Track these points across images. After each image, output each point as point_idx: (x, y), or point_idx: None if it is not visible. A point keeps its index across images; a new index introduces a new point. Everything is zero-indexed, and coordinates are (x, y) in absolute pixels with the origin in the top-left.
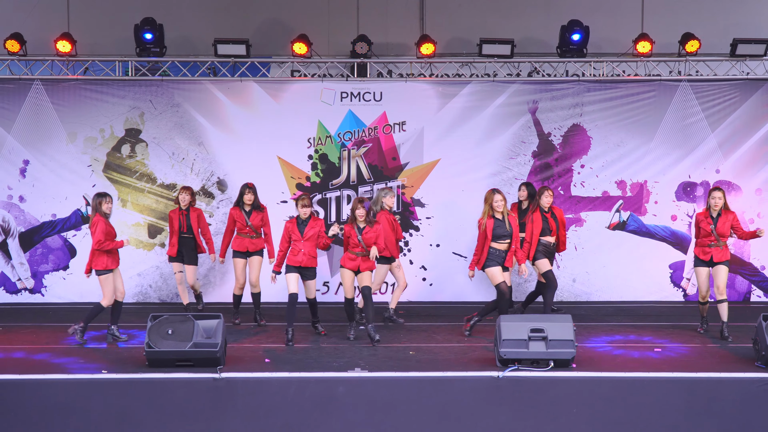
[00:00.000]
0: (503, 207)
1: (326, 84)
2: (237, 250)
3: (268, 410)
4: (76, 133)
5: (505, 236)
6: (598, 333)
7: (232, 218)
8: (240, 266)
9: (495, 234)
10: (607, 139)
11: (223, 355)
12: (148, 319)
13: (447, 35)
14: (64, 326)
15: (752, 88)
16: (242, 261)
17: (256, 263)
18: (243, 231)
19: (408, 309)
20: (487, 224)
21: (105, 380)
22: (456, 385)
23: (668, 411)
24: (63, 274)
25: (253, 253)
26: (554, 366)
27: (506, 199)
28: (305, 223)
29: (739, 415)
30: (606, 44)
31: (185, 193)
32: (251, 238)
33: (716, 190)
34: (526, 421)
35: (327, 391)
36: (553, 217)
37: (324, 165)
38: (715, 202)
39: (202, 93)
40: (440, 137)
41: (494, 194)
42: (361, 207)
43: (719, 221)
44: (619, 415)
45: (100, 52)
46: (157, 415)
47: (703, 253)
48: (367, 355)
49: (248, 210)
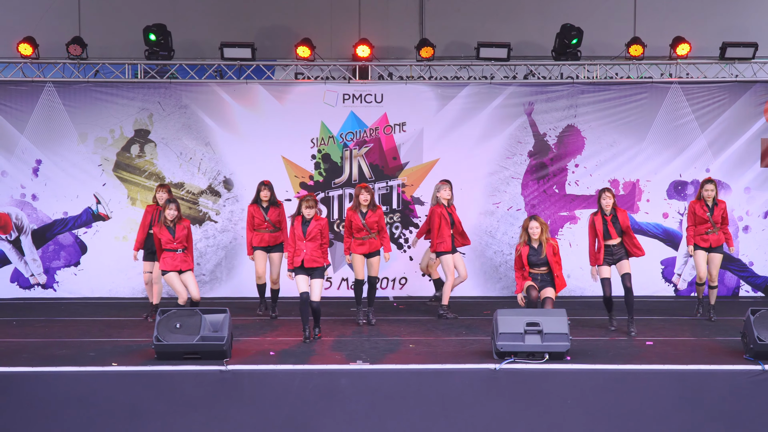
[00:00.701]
0: (539, 235)
1: (329, 86)
2: (258, 245)
3: (272, 401)
4: (87, 134)
5: (540, 264)
6: (592, 327)
7: (251, 215)
8: (261, 257)
9: (530, 262)
10: (600, 139)
11: (229, 348)
12: (156, 313)
13: (445, 39)
14: (76, 320)
15: (741, 90)
16: (263, 253)
17: (277, 261)
18: (261, 227)
19: (408, 304)
20: (522, 251)
21: (115, 372)
22: (455, 377)
23: (659, 402)
24: (74, 270)
25: (274, 248)
26: (549, 359)
27: (546, 225)
28: (308, 223)
29: (728, 406)
30: (599, 48)
31: (162, 191)
32: (270, 233)
33: (709, 182)
34: (522, 411)
35: (330, 383)
36: (615, 221)
37: (327, 164)
38: (709, 194)
39: (209, 95)
40: (439, 137)
41: (531, 221)
42: (365, 192)
43: (714, 210)
44: (612, 406)
45: (110, 55)
46: (165, 406)
47: (702, 240)
48: (368, 348)
49: (266, 206)
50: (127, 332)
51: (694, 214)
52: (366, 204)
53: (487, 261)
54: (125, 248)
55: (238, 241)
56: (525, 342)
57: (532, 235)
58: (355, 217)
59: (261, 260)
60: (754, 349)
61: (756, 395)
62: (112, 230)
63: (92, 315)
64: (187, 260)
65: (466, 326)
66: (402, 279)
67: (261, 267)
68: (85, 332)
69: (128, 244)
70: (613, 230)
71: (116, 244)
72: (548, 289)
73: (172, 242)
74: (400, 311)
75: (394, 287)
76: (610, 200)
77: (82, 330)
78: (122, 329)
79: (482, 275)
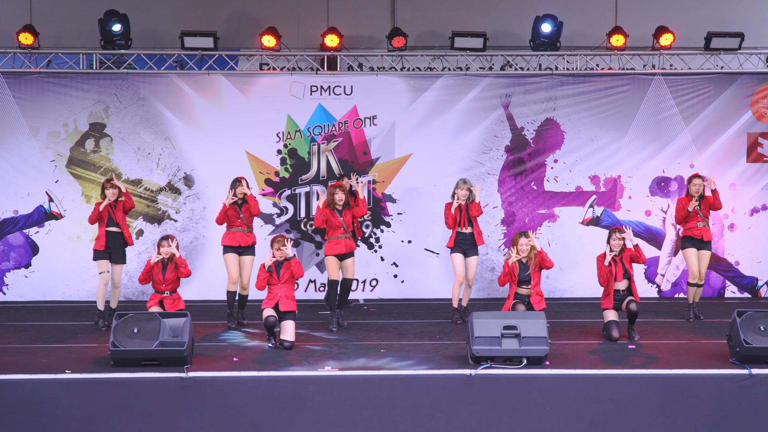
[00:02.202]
0: (528, 252)
1: (295, 77)
2: (229, 245)
3: (236, 410)
4: (39, 128)
5: (526, 282)
6: (572, 330)
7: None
8: (233, 261)
9: (519, 278)
10: (580, 133)
11: (190, 354)
12: (113, 317)
13: (418, 28)
14: (27, 325)
15: (726, 82)
16: (234, 256)
17: (248, 264)
18: (235, 224)
19: (379, 306)
20: (512, 268)
21: (69, 380)
22: (428, 383)
23: (642, 408)
24: (25, 272)
25: (246, 250)
26: (527, 363)
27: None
28: (281, 266)
29: (714, 412)
30: (579, 38)
31: (112, 188)
32: (243, 232)
33: (697, 177)
34: (499, 418)
35: (296, 390)
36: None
37: (293, 160)
38: (697, 189)
39: (169, 86)
40: (412, 132)
41: (520, 237)
42: (340, 192)
43: (702, 204)
44: (593, 412)
45: (63, 44)
46: (123, 415)
47: (690, 231)
48: (337, 354)
49: (240, 204)
50: (81, 338)
51: (684, 210)
52: (341, 203)
53: None
54: (79, 249)
55: (200, 241)
56: (502, 346)
57: (521, 252)
58: (334, 216)
59: (234, 263)
60: (741, 352)
61: (742, 400)
62: (65, 230)
63: (44, 319)
64: None
65: (440, 330)
66: (373, 281)
67: (235, 270)
68: (36, 338)
69: (83, 244)
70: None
71: (70, 244)
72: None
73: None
74: (370, 315)
75: (364, 289)
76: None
77: (33, 335)
78: (77, 334)
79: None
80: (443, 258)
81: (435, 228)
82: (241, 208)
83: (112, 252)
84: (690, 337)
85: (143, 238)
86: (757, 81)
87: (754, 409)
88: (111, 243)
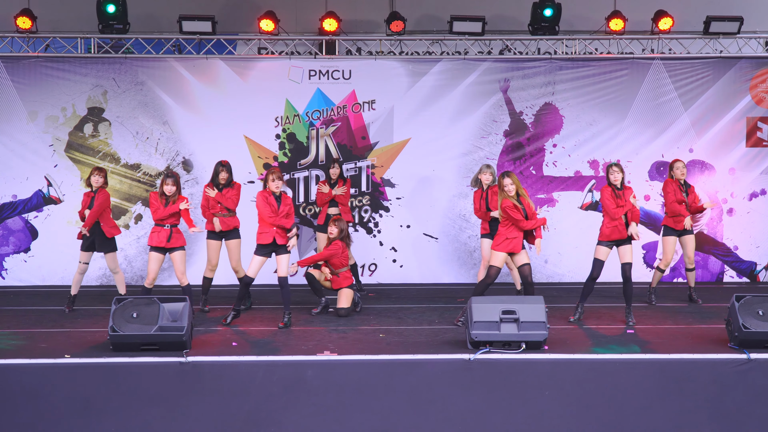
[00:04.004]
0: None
1: (294, 62)
2: (211, 230)
3: (235, 394)
4: (37, 112)
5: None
6: (571, 314)
7: (206, 197)
8: (214, 247)
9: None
10: (579, 118)
11: (189, 338)
12: (112, 302)
13: (417, 12)
14: (26, 310)
15: (725, 66)
16: (216, 242)
17: (235, 248)
18: (215, 209)
19: (378, 291)
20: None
21: (69, 365)
22: (427, 367)
23: (641, 392)
24: (24, 257)
25: (229, 234)
26: (526, 348)
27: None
28: (279, 199)
29: (712, 397)
30: (578, 22)
31: (98, 175)
32: (223, 216)
33: (679, 161)
34: (497, 403)
35: (295, 375)
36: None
37: (292, 144)
38: (682, 172)
39: (167, 71)
40: (410, 116)
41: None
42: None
43: (689, 191)
44: (592, 396)
45: (61, 28)
46: (122, 399)
47: (674, 222)
48: (336, 338)
49: (221, 188)
50: (80, 322)
51: (672, 194)
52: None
53: (461, 246)
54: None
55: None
56: (501, 331)
57: (508, 192)
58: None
59: (214, 249)
60: (739, 337)
61: (741, 385)
62: (64, 214)
63: (43, 304)
64: None
65: (438, 314)
66: (372, 265)
67: (215, 257)
68: (36, 322)
69: None
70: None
71: (69, 228)
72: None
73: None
74: (369, 299)
75: (363, 274)
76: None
77: (32, 320)
78: (76, 319)
79: (456, 260)
80: (442, 243)
81: (434, 212)
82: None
83: (96, 242)
84: (688, 322)
85: (142, 222)
86: (756, 65)
87: (753, 393)
88: (92, 233)
